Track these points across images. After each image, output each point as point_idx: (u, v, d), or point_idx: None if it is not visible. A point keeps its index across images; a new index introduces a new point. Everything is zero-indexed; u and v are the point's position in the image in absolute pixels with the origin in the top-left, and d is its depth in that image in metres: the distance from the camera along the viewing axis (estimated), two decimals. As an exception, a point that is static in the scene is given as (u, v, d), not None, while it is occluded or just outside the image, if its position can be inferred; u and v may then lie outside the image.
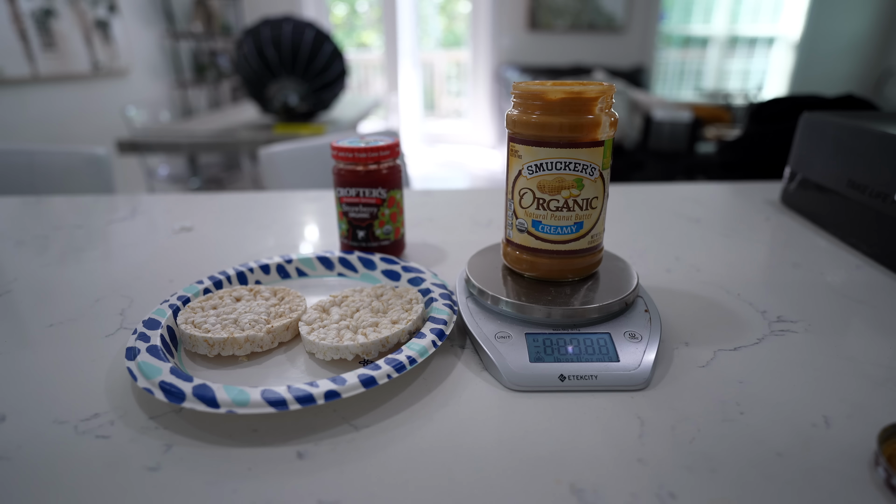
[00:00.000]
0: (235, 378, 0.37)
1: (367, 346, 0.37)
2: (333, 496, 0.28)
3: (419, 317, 0.41)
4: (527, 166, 0.40)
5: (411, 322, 0.40)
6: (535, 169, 0.39)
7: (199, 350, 0.39)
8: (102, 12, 2.81)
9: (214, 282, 0.47)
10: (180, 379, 0.33)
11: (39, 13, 2.38)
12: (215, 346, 0.38)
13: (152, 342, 0.37)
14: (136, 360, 0.35)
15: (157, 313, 0.41)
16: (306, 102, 2.06)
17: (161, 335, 0.38)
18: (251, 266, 0.50)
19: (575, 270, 0.42)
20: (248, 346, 0.39)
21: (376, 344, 0.38)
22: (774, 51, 4.40)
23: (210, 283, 0.47)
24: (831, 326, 0.44)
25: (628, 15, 4.20)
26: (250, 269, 0.50)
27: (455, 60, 4.97)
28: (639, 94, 2.99)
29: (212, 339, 0.38)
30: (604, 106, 0.38)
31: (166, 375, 0.33)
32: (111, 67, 2.89)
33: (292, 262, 0.52)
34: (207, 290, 0.46)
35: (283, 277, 0.51)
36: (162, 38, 3.40)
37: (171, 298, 0.43)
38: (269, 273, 0.51)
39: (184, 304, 0.43)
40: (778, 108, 1.71)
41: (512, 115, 0.40)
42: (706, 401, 0.35)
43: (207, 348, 0.38)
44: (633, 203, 0.79)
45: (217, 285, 0.47)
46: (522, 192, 0.41)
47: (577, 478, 0.29)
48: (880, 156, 0.56)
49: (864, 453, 0.30)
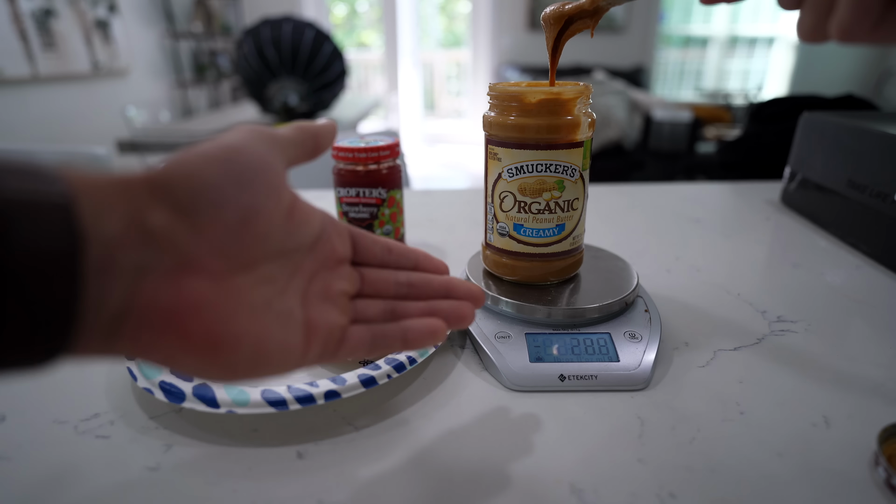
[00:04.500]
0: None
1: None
2: (333, 496, 0.28)
3: None
4: (507, 169, 0.39)
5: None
6: (516, 172, 0.39)
7: None
8: (102, 12, 2.81)
9: None
10: (180, 379, 0.33)
11: (39, 13, 2.38)
12: None
13: None
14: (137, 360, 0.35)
15: None
16: (306, 102, 2.06)
17: None
18: None
19: (556, 273, 0.42)
20: None
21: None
22: (774, 51, 4.39)
23: None
24: (831, 326, 0.44)
25: (628, 15, 4.20)
26: None
27: (455, 60, 4.97)
28: (639, 95, 2.99)
29: None
30: (582, 107, 0.38)
31: (166, 375, 0.33)
32: (111, 67, 2.89)
33: None
34: None
35: None
36: (162, 38, 3.40)
37: None
38: None
39: None
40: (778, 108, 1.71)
41: (489, 116, 0.40)
42: (706, 401, 0.35)
43: None
44: (633, 203, 0.79)
45: None
46: (503, 196, 0.40)
47: (576, 478, 0.29)
48: (880, 156, 0.56)
49: (864, 453, 0.30)
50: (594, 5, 0.35)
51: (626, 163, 2.66)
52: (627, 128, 2.71)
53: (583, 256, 0.44)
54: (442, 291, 0.27)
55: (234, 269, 0.20)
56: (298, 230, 0.23)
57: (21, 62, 2.30)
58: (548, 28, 0.38)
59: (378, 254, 0.27)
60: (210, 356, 0.19)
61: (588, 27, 0.37)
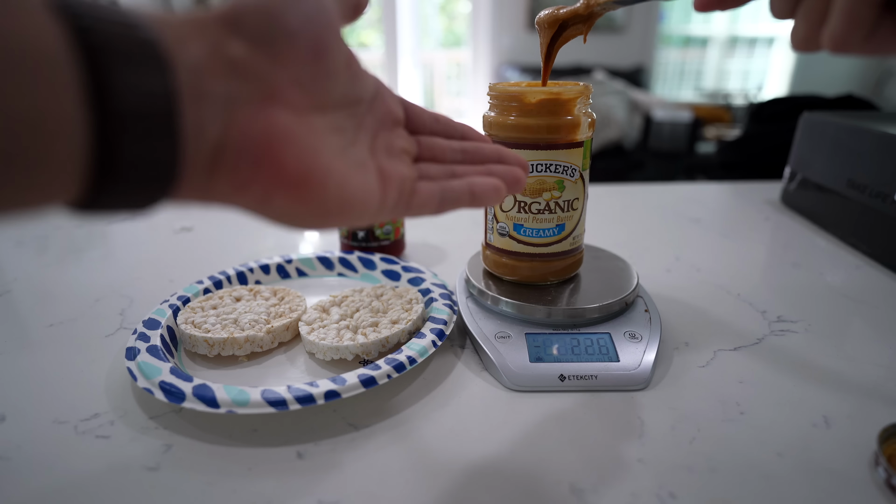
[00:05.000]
0: (235, 378, 0.37)
1: (366, 346, 0.37)
2: (333, 496, 0.28)
3: (419, 317, 0.41)
4: None
5: (411, 322, 0.40)
6: None
7: (199, 350, 0.39)
8: (102, 12, 2.81)
9: (214, 282, 0.47)
10: (180, 379, 0.32)
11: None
12: (215, 346, 0.38)
13: (152, 342, 0.37)
14: (136, 360, 0.35)
15: (157, 313, 0.41)
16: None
17: (161, 335, 0.38)
18: (251, 266, 0.50)
19: (556, 273, 0.42)
20: (247, 346, 0.39)
21: (376, 344, 0.38)
22: (774, 51, 4.39)
23: (210, 283, 0.47)
24: (831, 326, 0.44)
25: (628, 15, 4.20)
26: (250, 269, 0.50)
27: (455, 60, 4.97)
28: (639, 94, 2.99)
29: (212, 339, 0.38)
30: (582, 107, 0.38)
31: (166, 375, 0.33)
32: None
33: (292, 262, 0.52)
34: (207, 290, 0.46)
35: (283, 277, 0.51)
36: (162, 37, 3.39)
37: (171, 298, 0.43)
38: (270, 273, 0.51)
39: (184, 304, 0.43)
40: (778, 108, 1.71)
41: (489, 116, 0.40)
42: (706, 401, 0.35)
43: (207, 348, 0.38)
44: (633, 203, 0.79)
45: (217, 285, 0.47)
46: None
47: (577, 478, 0.29)
48: (880, 156, 0.56)
49: (865, 453, 0.30)
50: (589, 10, 0.35)
51: (626, 163, 2.66)
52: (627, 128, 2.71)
53: (583, 256, 0.44)
54: (494, 157, 0.28)
55: (311, 106, 0.21)
56: (358, 82, 0.24)
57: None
58: (542, 32, 0.38)
59: (427, 122, 0.29)
60: (303, 194, 0.20)
61: (581, 33, 0.37)
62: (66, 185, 0.15)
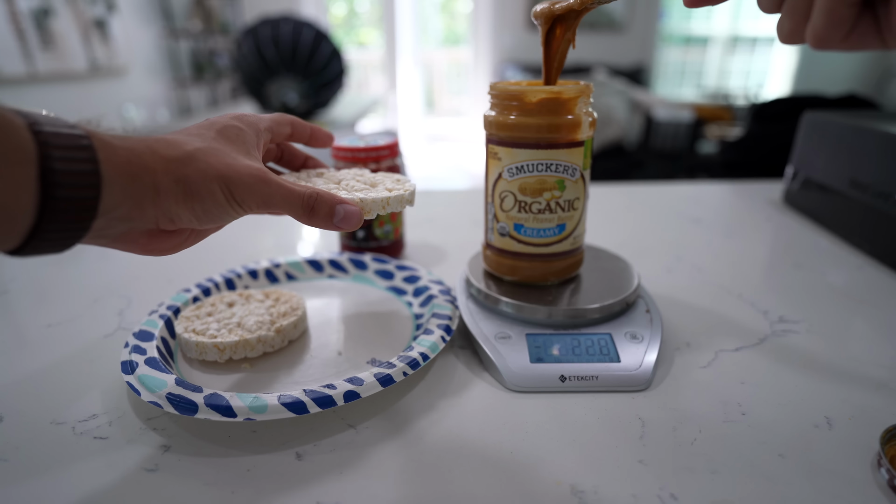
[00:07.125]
0: (239, 384, 0.37)
1: (367, 204, 0.33)
2: (333, 497, 0.28)
3: (412, 192, 0.37)
4: (507, 168, 0.39)
5: (408, 192, 0.36)
6: (516, 171, 0.39)
7: (209, 357, 0.38)
8: (100, 11, 2.81)
9: (203, 289, 0.46)
10: (188, 390, 0.32)
11: (37, 12, 2.37)
12: (226, 350, 0.37)
13: (150, 354, 0.36)
14: (136, 374, 0.33)
15: (148, 324, 0.40)
16: (305, 101, 2.05)
17: (157, 346, 0.37)
18: (239, 272, 0.49)
19: (557, 273, 0.42)
20: (260, 346, 0.38)
21: (377, 203, 0.34)
22: (776, 50, 4.39)
23: (198, 290, 0.45)
24: (833, 327, 0.44)
25: (629, 14, 4.19)
26: (238, 275, 0.49)
27: (455, 59, 4.97)
28: (640, 94, 2.99)
29: (223, 343, 0.37)
30: (583, 106, 0.38)
31: (172, 387, 0.32)
32: (109, 66, 2.88)
33: (280, 266, 0.51)
34: (196, 298, 0.45)
35: (272, 282, 0.51)
36: (160, 36, 3.39)
37: (159, 309, 0.42)
38: (258, 278, 0.50)
39: (175, 314, 0.42)
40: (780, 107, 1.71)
41: (490, 116, 0.39)
42: (707, 401, 0.34)
43: (218, 353, 0.37)
44: (633, 203, 0.79)
45: (205, 293, 0.46)
46: (503, 195, 0.40)
47: (577, 479, 0.28)
48: (883, 155, 0.55)
49: (867, 454, 0.30)
50: (583, 5, 0.35)
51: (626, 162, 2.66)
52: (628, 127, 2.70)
53: (583, 256, 0.44)
54: None
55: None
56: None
57: (19, 61, 2.29)
58: (540, 25, 0.38)
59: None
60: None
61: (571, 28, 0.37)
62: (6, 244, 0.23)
